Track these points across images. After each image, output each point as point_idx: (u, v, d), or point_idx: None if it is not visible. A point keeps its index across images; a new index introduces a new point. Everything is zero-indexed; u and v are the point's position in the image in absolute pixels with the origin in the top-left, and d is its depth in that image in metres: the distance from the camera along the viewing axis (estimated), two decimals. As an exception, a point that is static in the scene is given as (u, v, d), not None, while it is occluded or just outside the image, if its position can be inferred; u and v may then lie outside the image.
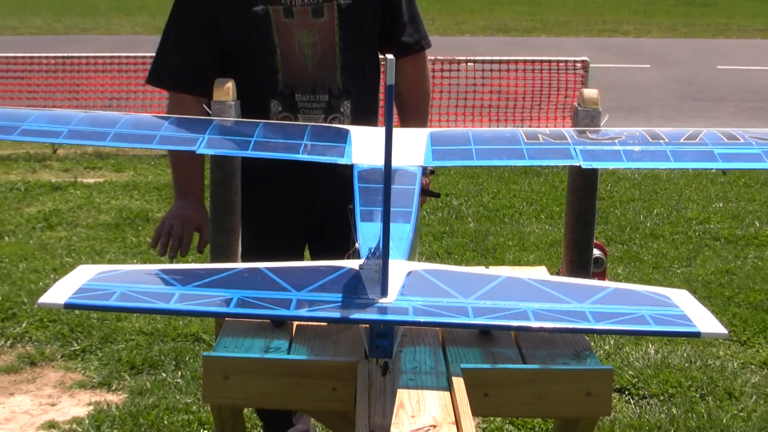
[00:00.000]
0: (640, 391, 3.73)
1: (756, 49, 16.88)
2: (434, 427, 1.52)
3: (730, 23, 21.58)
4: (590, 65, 8.51)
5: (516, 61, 8.63)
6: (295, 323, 1.96)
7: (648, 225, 6.09)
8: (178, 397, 3.61)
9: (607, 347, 4.10)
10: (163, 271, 1.46)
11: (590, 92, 1.98)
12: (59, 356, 4.02)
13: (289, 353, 1.84)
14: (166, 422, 3.44)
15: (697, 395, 3.70)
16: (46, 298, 1.34)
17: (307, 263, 1.55)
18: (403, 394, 1.62)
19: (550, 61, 8.64)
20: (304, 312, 1.35)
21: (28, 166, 7.75)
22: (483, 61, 8.55)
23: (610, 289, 1.44)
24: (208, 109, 2.02)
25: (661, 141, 1.85)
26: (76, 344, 4.12)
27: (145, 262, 5.06)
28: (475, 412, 1.59)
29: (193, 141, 1.86)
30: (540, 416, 2.96)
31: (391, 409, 1.56)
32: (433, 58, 7.62)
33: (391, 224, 1.36)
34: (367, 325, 1.44)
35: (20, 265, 5.14)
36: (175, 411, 3.51)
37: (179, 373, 3.83)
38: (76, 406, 3.61)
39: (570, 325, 1.35)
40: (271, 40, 2.42)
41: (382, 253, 1.35)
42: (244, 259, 2.05)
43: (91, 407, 3.58)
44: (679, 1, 27.67)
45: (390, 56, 1.28)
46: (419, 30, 2.63)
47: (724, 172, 7.09)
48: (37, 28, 19.06)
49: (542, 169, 7.43)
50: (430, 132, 1.99)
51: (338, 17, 2.44)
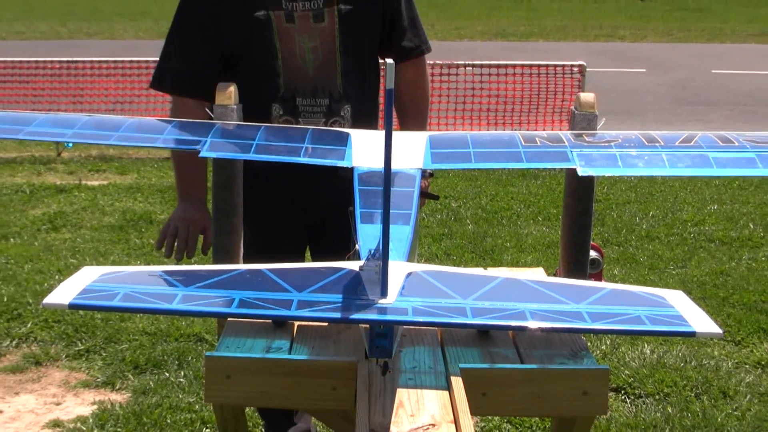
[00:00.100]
0: (636, 391, 3.76)
1: (750, 53, 16.86)
2: (433, 425, 1.52)
3: (725, 28, 21.55)
4: (587, 69, 8.54)
5: (514, 66, 8.65)
6: (296, 324, 1.96)
7: (644, 227, 6.10)
8: (180, 397, 3.63)
9: (604, 347, 4.12)
10: (166, 273, 1.47)
11: (587, 96, 1.99)
12: (64, 356, 4.04)
13: (290, 353, 1.85)
14: (169, 421, 3.46)
15: (693, 394, 3.73)
16: (51, 299, 1.35)
17: (308, 264, 1.56)
18: (402, 394, 1.62)
19: (547, 66, 8.68)
20: (305, 312, 1.35)
21: (33, 168, 7.76)
22: (481, 66, 8.57)
23: (606, 290, 1.45)
24: (210, 113, 2.03)
25: (657, 144, 1.86)
26: (80, 344, 4.13)
27: (149, 264, 5.08)
28: (474, 411, 1.60)
29: (195, 144, 1.88)
30: (537, 415, 2.97)
31: (391, 408, 1.56)
32: (432, 62, 7.61)
33: (391, 226, 1.37)
34: (367, 326, 1.45)
35: (25, 267, 5.15)
36: (178, 410, 3.53)
37: (182, 373, 3.85)
38: (81, 406, 3.62)
39: (567, 325, 1.36)
40: (273, 44, 2.44)
41: (382, 254, 1.36)
42: (246, 261, 2.06)
43: (95, 406, 3.60)
44: (675, 7, 27.66)
45: (390, 61, 1.29)
46: (419, 35, 2.65)
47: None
48: (42, 33, 19.01)
49: (540, 172, 7.43)
50: (429, 135, 2.00)
51: (339, 22, 2.46)
